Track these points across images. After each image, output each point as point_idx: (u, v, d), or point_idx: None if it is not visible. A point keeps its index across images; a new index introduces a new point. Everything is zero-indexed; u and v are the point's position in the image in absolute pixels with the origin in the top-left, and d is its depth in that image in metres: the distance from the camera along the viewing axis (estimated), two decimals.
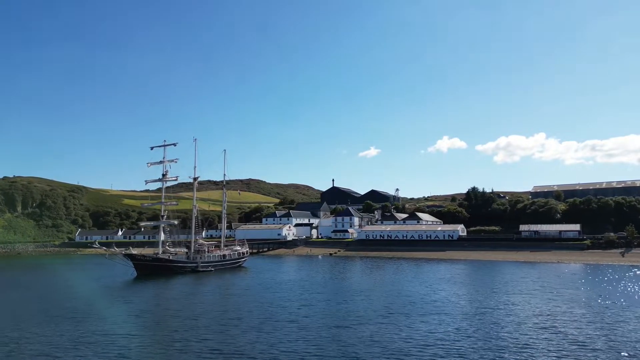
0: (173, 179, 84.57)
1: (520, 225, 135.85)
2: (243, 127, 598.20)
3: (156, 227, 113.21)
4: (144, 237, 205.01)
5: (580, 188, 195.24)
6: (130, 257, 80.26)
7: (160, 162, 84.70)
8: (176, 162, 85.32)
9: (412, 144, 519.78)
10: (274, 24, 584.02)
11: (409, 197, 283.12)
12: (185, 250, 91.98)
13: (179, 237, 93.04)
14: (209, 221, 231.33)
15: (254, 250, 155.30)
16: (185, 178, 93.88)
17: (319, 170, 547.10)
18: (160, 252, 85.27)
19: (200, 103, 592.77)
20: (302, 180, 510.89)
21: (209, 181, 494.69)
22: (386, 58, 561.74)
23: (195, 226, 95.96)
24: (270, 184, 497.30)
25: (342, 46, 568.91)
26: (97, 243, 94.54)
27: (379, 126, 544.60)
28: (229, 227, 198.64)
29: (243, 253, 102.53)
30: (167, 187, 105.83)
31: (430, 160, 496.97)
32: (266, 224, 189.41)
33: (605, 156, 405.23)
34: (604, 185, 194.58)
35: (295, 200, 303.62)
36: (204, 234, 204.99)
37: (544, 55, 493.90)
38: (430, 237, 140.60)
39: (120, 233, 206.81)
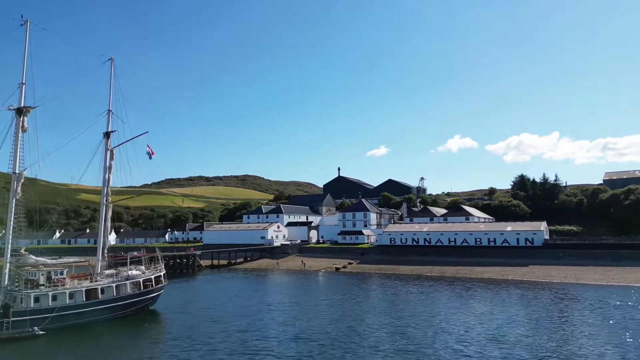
0: None
1: None
2: (242, 123, 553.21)
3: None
4: (89, 242, 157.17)
5: None
6: None
7: None
8: None
9: (423, 143, 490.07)
10: (284, 20, 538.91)
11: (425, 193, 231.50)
12: None
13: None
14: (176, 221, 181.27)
15: (224, 262, 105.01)
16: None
17: (324, 169, 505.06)
18: None
19: (199, 96, 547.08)
20: (305, 179, 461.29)
21: (200, 177, 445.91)
22: (397, 55, 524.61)
23: (14, 227, 42.34)
24: (269, 180, 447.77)
25: (353, 43, 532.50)
26: None
27: (389, 124, 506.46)
28: (200, 229, 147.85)
29: (152, 281, 48.11)
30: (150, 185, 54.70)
31: (440, 160, 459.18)
32: (248, 222, 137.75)
33: (616, 155, 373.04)
34: None
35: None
36: (167, 237, 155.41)
37: (559, 53, 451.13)
38: (494, 241, 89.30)
39: (57, 235, 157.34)
